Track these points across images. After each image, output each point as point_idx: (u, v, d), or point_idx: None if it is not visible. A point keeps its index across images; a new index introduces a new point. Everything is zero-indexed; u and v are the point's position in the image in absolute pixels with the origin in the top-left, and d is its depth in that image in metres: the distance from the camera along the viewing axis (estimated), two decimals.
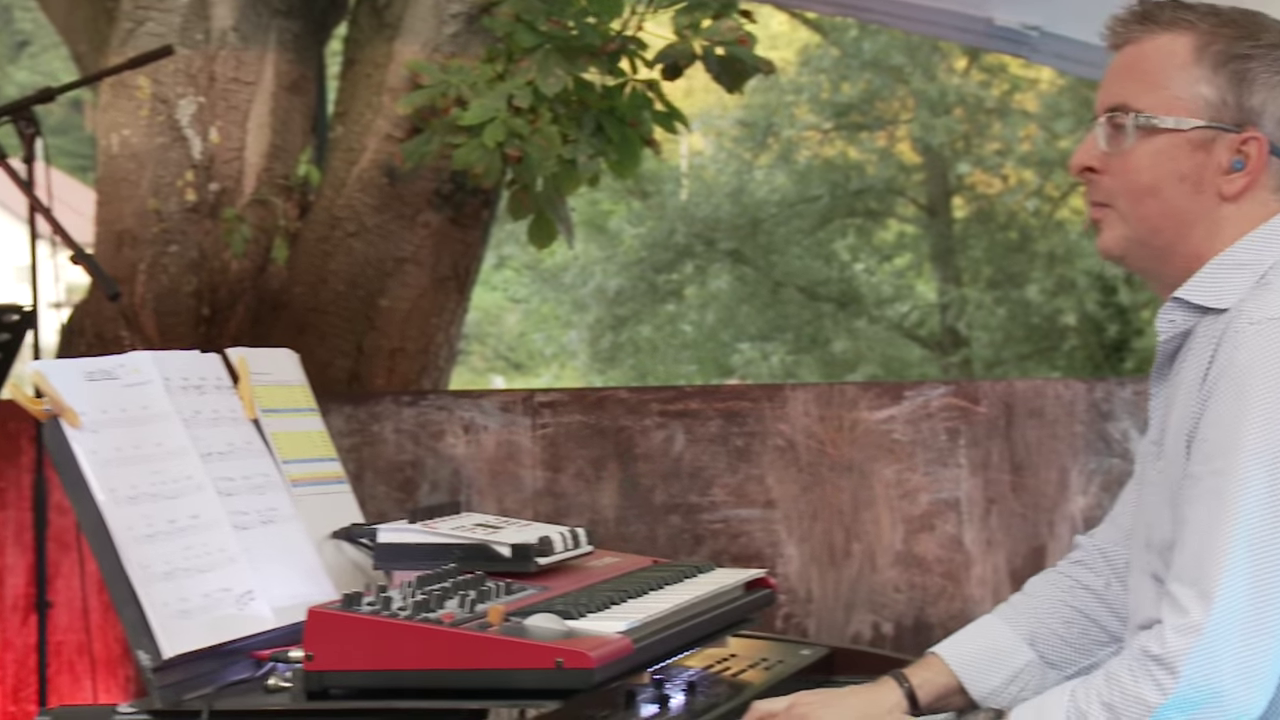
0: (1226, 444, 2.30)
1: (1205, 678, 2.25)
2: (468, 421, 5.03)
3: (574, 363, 19.95)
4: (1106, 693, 2.31)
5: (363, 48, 5.83)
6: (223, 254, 5.60)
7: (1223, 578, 2.26)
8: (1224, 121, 2.45)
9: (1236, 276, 2.44)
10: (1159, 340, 2.52)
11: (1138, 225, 2.50)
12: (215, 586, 2.69)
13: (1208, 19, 2.48)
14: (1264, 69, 2.45)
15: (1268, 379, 2.29)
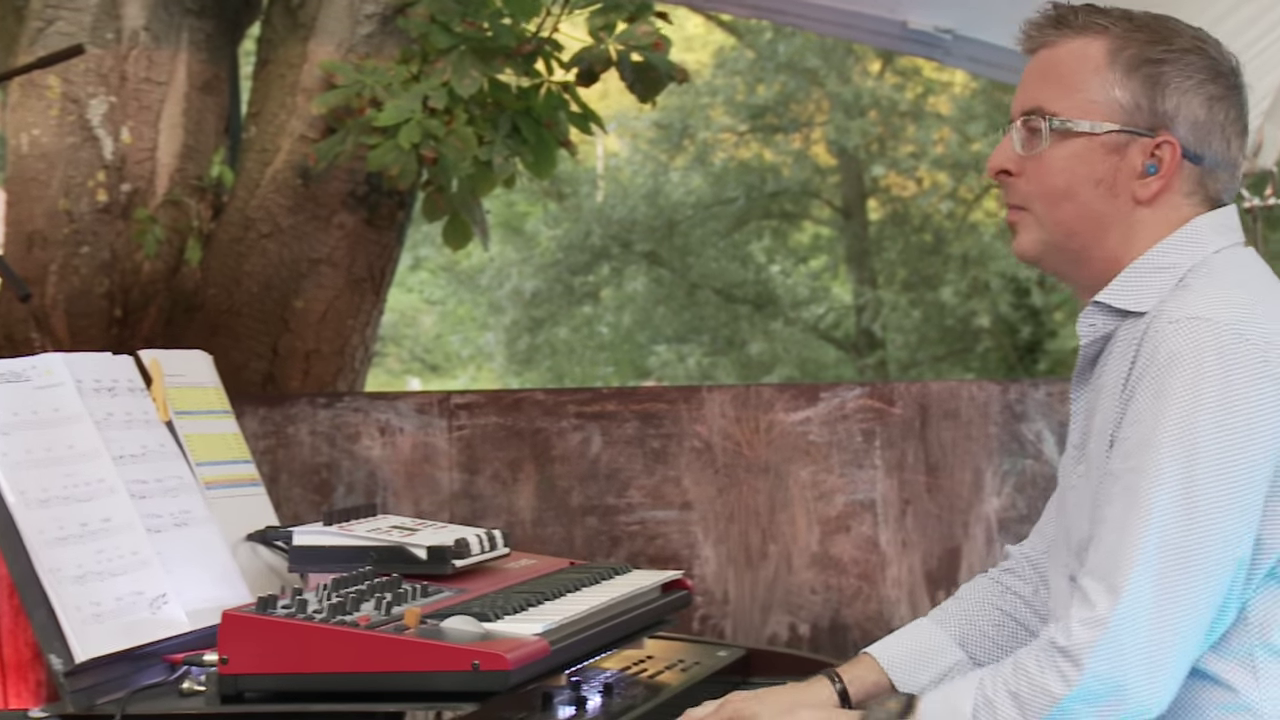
0: (1144, 441, 2.32)
1: (1110, 671, 2.27)
2: (384, 424, 5.01)
3: (491, 364, 19.93)
4: (1013, 682, 2.33)
5: (276, 48, 5.81)
6: (135, 255, 5.56)
7: (1132, 573, 2.28)
8: (1137, 125, 2.47)
9: (1156, 279, 2.46)
10: (1080, 344, 2.53)
11: (1053, 228, 2.53)
12: (128, 590, 2.67)
13: (1121, 24, 2.51)
14: (1177, 74, 2.48)
15: (1186, 377, 2.31)
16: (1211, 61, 2.50)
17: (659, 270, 17.92)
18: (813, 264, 18.92)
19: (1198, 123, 2.48)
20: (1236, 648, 2.35)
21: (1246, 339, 2.31)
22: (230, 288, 5.67)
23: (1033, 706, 2.31)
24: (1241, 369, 2.30)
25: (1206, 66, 2.49)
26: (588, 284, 18.08)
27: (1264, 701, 2.35)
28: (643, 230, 17.69)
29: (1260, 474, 2.30)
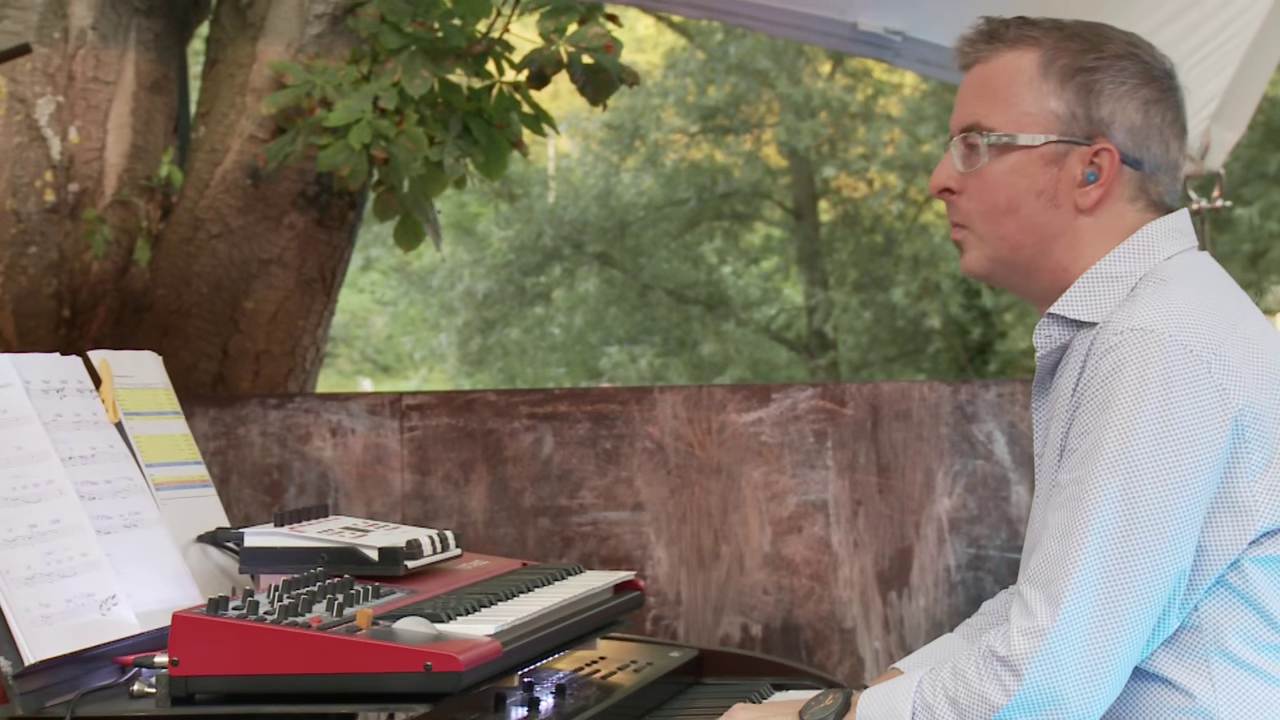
0: (1088, 453, 2.33)
1: (1048, 682, 2.28)
2: (335, 424, 5.00)
3: (442, 366, 19.89)
4: (952, 688, 2.34)
5: (225, 47, 5.79)
6: (83, 255, 5.53)
7: (1071, 584, 2.29)
8: (1074, 135, 2.49)
9: (1108, 289, 2.47)
10: (1038, 355, 2.54)
11: (998, 245, 2.54)
12: (78, 592, 2.66)
13: (1052, 34, 2.52)
14: (1110, 80, 2.49)
15: (1129, 389, 2.32)
16: (1145, 66, 2.51)
17: (611, 271, 17.92)
18: (764, 265, 18.94)
19: (1134, 128, 2.49)
20: (1192, 653, 2.37)
21: (1190, 350, 2.32)
22: (180, 288, 5.65)
23: (971, 714, 2.32)
24: (1183, 381, 2.31)
25: (1140, 71, 2.50)
26: (539, 285, 18.06)
27: (1220, 707, 2.36)
28: (594, 231, 17.69)
29: (1201, 485, 2.31)
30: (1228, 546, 2.34)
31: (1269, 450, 2.34)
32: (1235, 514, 2.34)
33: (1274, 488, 2.34)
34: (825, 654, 4.90)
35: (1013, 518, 4.86)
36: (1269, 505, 2.34)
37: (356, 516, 3.32)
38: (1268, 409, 2.35)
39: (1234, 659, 2.36)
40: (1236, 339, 2.37)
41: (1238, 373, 2.33)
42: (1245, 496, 2.33)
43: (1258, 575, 2.35)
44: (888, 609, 4.91)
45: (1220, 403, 2.31)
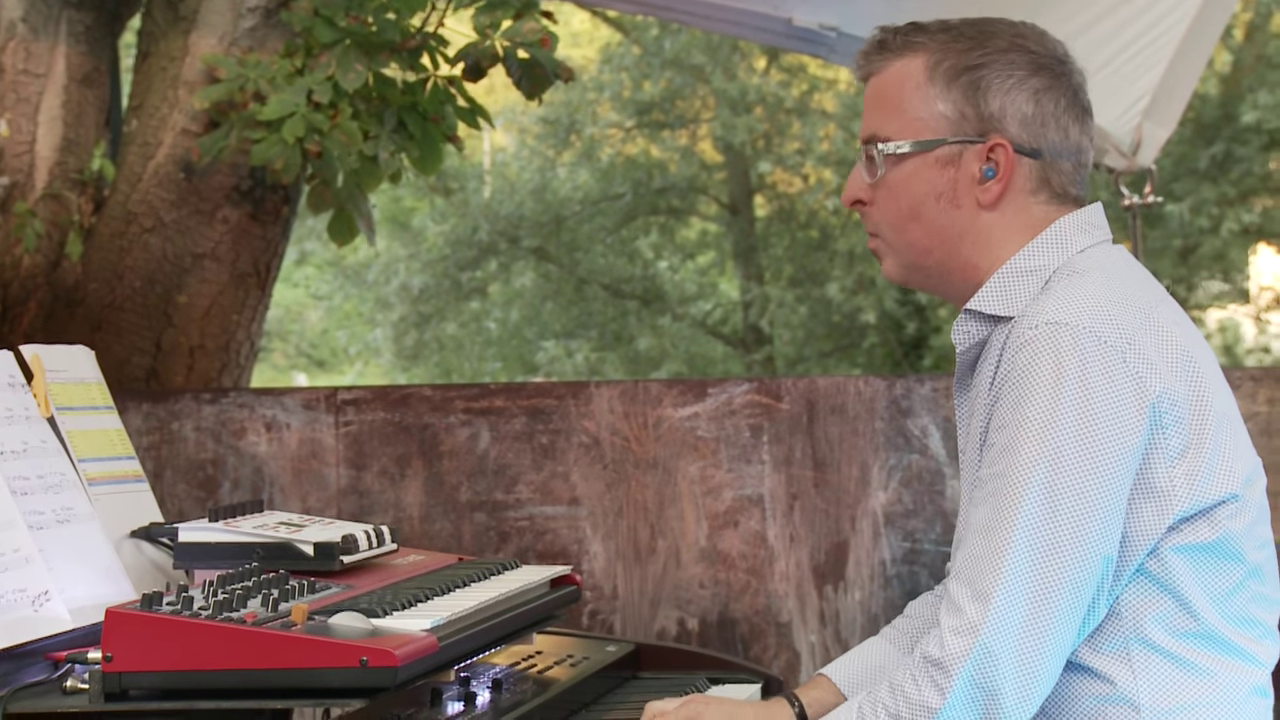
0: (1007, 447, 2.34)
1: (984, 677, 2.29)
2: (270, 419, 4.98)
3: (378, 360, 19.82)
4: (892, 704, 2.35)
5: (157, 40, 5.76)
6: (14, 249, 5.50)
7: (1000, 579, 2.30)
8: (966, 134, 2.50)
9: (1022, 284, 2.48)
10: (957, 351, 2.56)
11: (907, 250, 2.56)
12: (10, 587, 2.65)
13: (939, 37, 2.53)
14: (997, 75, 2.50)
15: (1045, 382, 2.33)
16: (1032, 55, 2.52)
17: (547, 266, 17.90)
18: (700, 260, 18.95)
19: (1026, 118, 2.50)
20: (1112, 641, 2.38)
21: (1105, 341, 2.34)
22: (112, 282, 5.63)
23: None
24: (1100, 372, 2.32)
25: (1027, 61, 2.51)
26: (475, 280, 18.02)
27: (1141, 693, 2.38)
28: (530, 226, 17.66)
29: (1122, 474, 2.33)
30: (1147, 533, 2.36)
31: (1185, 437, 2.36)
32: (1154, 500, 2.35)
33: (1191, 474, 2.36)
34: (761, 648, 4.92)
35: (948, 511, 4.89)
36: (1186, 491, 2.36)
37: (292, 512, 3.32)
38: (1183, 396, 2.36)
39: (1153, 646, 2.38)
40: (1150, 328, 2.39)
41: (1152, 361, 2.35)
42: (1163, 482, 2.35)
43: (1176, 562, 2.37)
44: (823, 603, 4.93)
45: (1137, 391, 2.33)
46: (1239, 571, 2.42)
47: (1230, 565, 2.41)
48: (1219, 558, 2.39)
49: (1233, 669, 2.42)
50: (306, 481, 4.96)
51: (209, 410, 5.00)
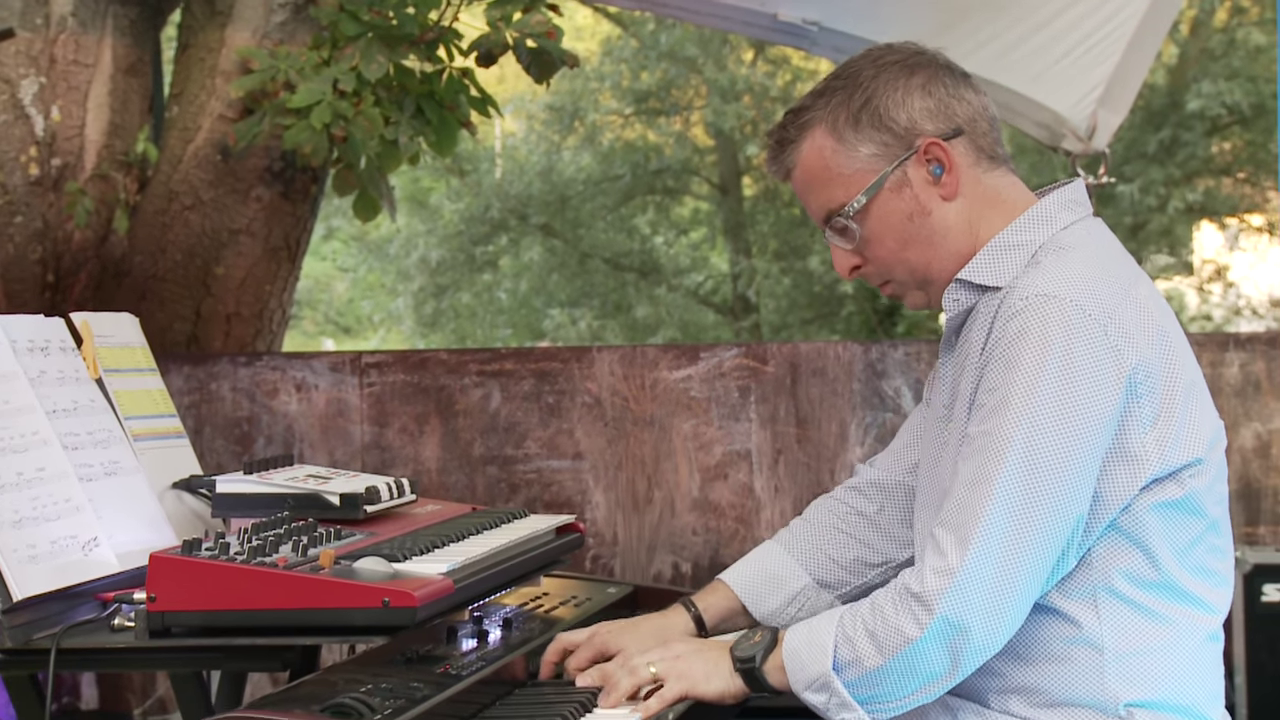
0: (995, 407, 2.34)
1: (957, 615, 2.29)
2: (300, 381, 4.98)
3: (399, 327, 19.82)
4: (871, 621, 2.35)
5: (196, 34, 5.75)
6: (66, 225, 5.49)
7: (980, 527, 2.30)
8: (898, 155, 2.49)
9: (1009, 257, 2.48)
10: (946, 317, 2.55)
11: (915, 273, 2.54)
12: (62, 534, 2.64)
13: (818, 103, 2.53)
14: (884, 95, 2.49)
15: (1033, 349, 2.32)
16: (898, 63, 2.52)
17: (553, 241, 17.89)
18: (693, 235, 18.94)
19: (932, 111, 2.49)
20: (1082, 589, 2.38)
21: (1088, 313, 2.33)
22: (156, 255, 5.62)
23: (888, 645, 2.33)
24: (1082, 342, 2.32)
25: (898, 70, 2.51)
26: (488, 253, 18.01)
27: (1104, 635, 2.38)
28: (538, 204, 17.64)
29: (1098, 438, 2.32)
30: (1121, 493, 2.35)
31: (1158, 405, 2.35)
32: (1128, 463, 2.35)
33: (1162, 439, 2.36)
34: None
35: None
36: (1158, 455, 2.35)
37: (320, 465, 3.31)
38: (1157, 367, 2.36)
39: (1118, 595, 2.38)
40: (1129, 303, 2.38)
41: (1130, 334, 2.35)
42: (1136, 447, 2.35)
43: (1148, 518, 2.37)
44: None
45: (1115, 361, 2.32)
46: (1200, 526, 2.42)
47: (1192, 520, 2.41)
48: (1183, 513, 2.40)
49: (1190, 617, 2.42)
50: (333, 437, 4.96)
51: (244, 372, 4.99)
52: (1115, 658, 2.38)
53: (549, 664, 2.68)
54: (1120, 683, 2.37)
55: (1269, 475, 4.83)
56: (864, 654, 2.34)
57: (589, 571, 4.84)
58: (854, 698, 2.36)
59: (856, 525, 2.82)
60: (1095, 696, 2.38)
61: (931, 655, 2.31)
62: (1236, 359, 4.87)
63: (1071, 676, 2.39)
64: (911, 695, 2.36)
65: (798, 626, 2.45)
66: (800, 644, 2.41)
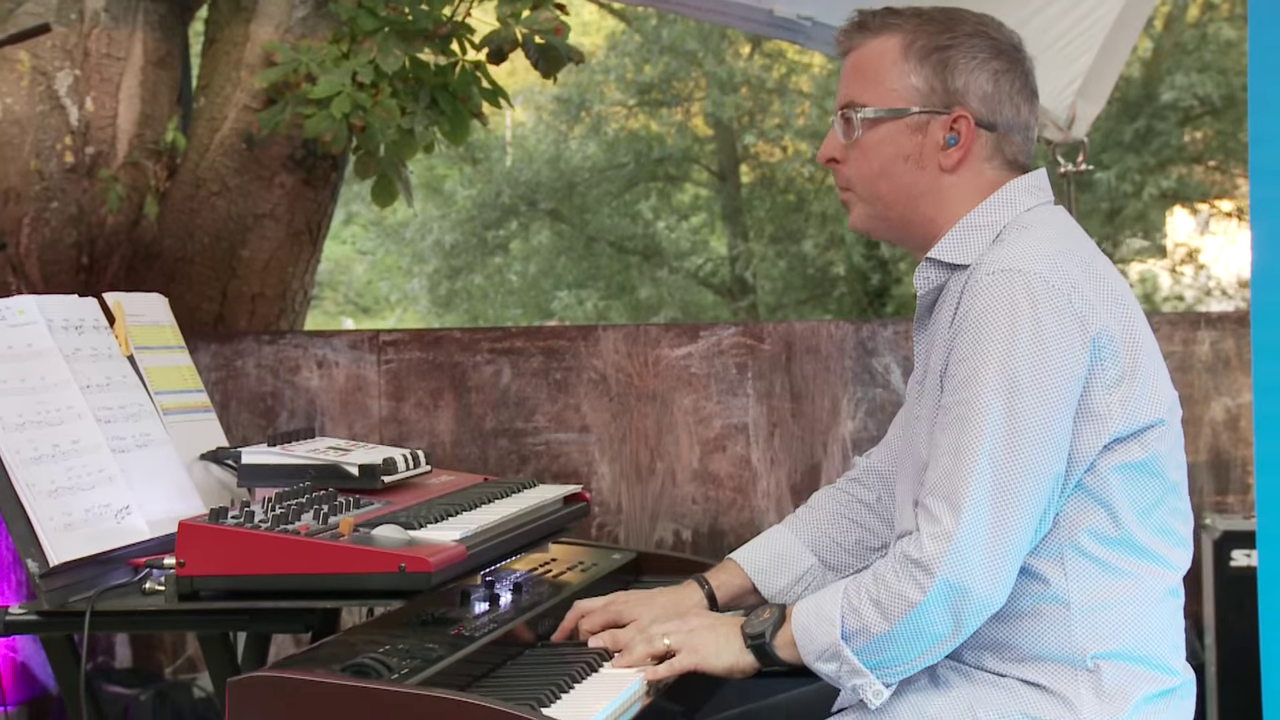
0: (969, 378, 2.33)
1: (958, 577, 2.29)
2: (321, 358, 4.97)
3: (415, 307, 19.81)
4: (875, 590, 2.35)
5: (222, 28, 5.74)
6: (100, 210, 5.48)
7: (969, 490, 2.29)
8: (934, 106, 2.49)
9: (976, 237, 2.48)
10: (917, 294, 2.55)
11: (874, 203, 2.55)
12: (96, 503, 2.65)
13: (912, 20, 2.52)
14: (963, 56, 2.49)
15: (1001, 321, 2.33)
16: (993, 42, 2.52)
17: (560, 225, 17.88)
18: (693, 220, 18.92)
19: (986, 95, 2.49)
20: (1050, 548, 2.39)
21: (1052, 285, 2.33)
22: (184, 239, 5.61)
23: (893, 611, 2.32)
24: (1049, 311, 2.32)
25: (989, 46, 2.50)
26: (499, 237, 18.00)
27: (1071, 591, 2.38)
28: (546, 191, 17.62)
29: (1070, 399, 2.33)
30: (1086, 451, 2.36)
31: (1120, 368, 2.36)
32: (1093, 422, 2.35)
33: (1125, 400, 2.36)
34: None
35: None
36: (1121, 415, 2.36)
37: (340, 438, 3.31)
38: (1118, 334, 2.37)
39: (1084, 552, 2.38)
40: (1090, 275, 2.39)
41: (1092, 302, 2.35)
42: (1101, 407, 2.35)
43: (1111, 478, 2.37)
44: None
45: (1080, 327, 2.33)
46: (1160, 488, 2.42)
47: (1154, 482, 2.41)
48: (1145, 475, 2.40)
49: (1151, 573, 2.42)
50: (352, 411, 4.95)
51: (268, 350, 4.99)
52: (1082, 612, 2.38)
53: (566, 629, 2.69)
54: (1087, 636, 2.37)
55: (1238, 447, 4.82)
56: (870, 622, 2.34)
57: (595, 539, 4.84)
58: (864, 664, 2.36)
59: (858, 512, 2.84)
60: (1064, 650, 2.38)
61: (935, 617, 2.31)
62: (1208, 337, 4.86)
63: (1041, 631, 2.39)
64: (919, 657, 2.36)
65: (804, 602, 2.45)
66: (808, 618, 2.41)
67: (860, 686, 2.37)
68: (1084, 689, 2.37)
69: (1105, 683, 2.37)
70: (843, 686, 2.40)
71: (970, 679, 2.41)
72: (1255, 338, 2.90)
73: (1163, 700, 2.42)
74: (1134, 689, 2.38)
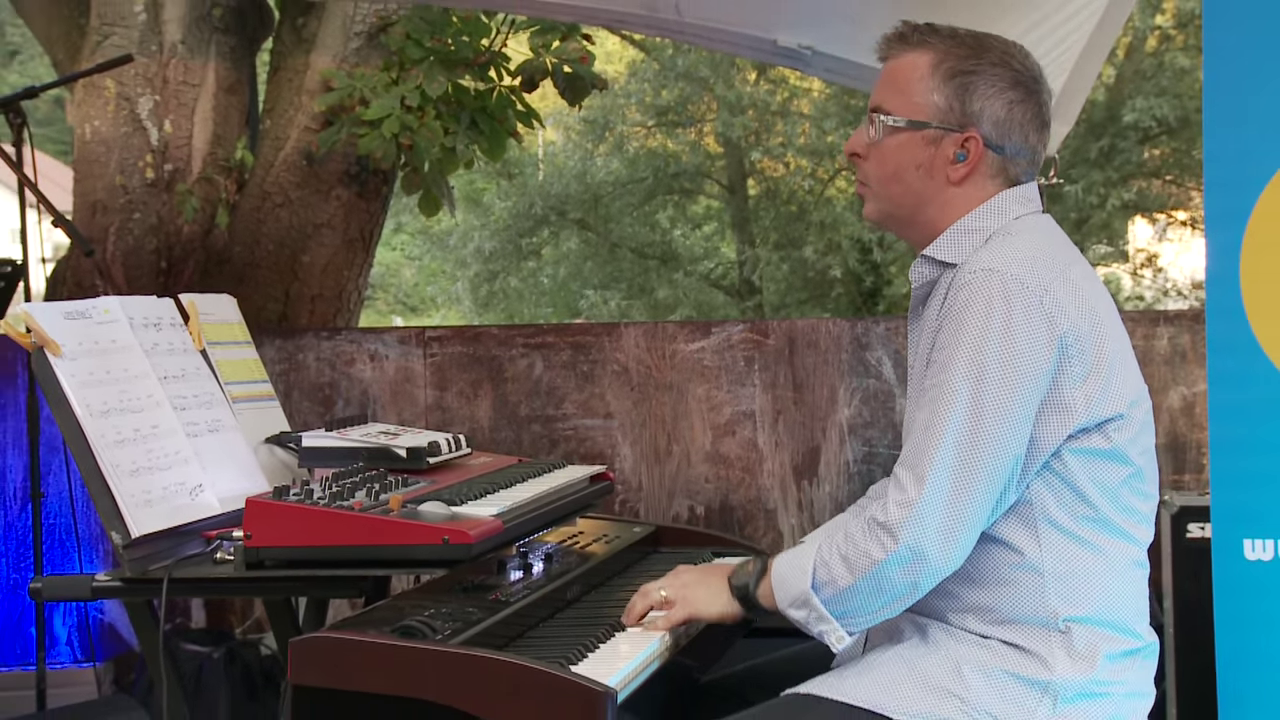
0: (945, 363, 2.33)
1: (916, 541, 2.28)
2: (373, 352, 4.97)
3: (458, 307, 19.85)
4: (843, 546, 2.35)
5: (285, 58, 5.74)
6: (177, 220, 5.49)
7: (933, 465, 2.28)
8: (949, 123, 2.47)
9: (967, 239, 2.47)
10: (912, 288, 2.54)
11: (885, 201, 2.53)
12: (172, 482, 2.65)
13: (946, 40, 2.49)
14: (983, 82, 2.47)
15: (977, 315, 2.32)
16: (1014, 73, 2.49)
17: (587, 234, 17.89)
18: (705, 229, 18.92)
19: (999, 121, 2.47)
20: (1025, 522, 2.37)
21: (1025, 286, 2.31)
22: (251, 246, 5.62)
23: (857, 566, 2.32)
24: (1021, 309, 2.30)
25: (1009, 76, 2.48)
26: (532, 244, 18.02)
27: (1044, 561, 2.37)
28: (574, 202, 17.63)
29: (1033, 391, 2.31)
30: (1052, 438, 2.34)
31: (1088, 365, 2.35)
32: (1059, 413, 2.34)
33: (1090, 395, 2.35)
34: (753, 529, 4.91)
35: (897, 423, 4.86)
36: (1085, 408, 2.35)
37: (390, 423, 3.30)
38: (1087, 334, 2.35)
39: (1057, 526, 2.37)
40: (1064, 280, 2.37)
41: (1063, 305, 2.33)
42: (1068, 400, 2.34)
43: (1074, 462, 2.36)
44: (801, 494, 4.91)
45: (1049, 327, 2.31)
46: (1125, 472, 2.41)
47: (1118, 467, 2.40)
48: (1110, 461, 2.39)
49: (1118, 547, 2.41)
50: (401, 400, 4.95)
51: (326, 345, 4.99)
52: (1054, 580, 2.36)
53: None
54: (1059, 601, 2.36)
55: (1193, 431, 4.80)
56: (838, 575, 2.34)
57: (618, 514, 4.83)
58: (829, 612, 2.36)
59: None
60: (1038, 613, 2.37)
61: (894, 575, 2.30)
62: (1166, 333, 4.84)
63: (1017, 597, 2.38)
64: (879, 611, 2.35)
65: (783, 554, 2.46)
66: (785, 568, 2.41)
67: (825, 633, 2.37)
68: (1057, 648, 2.36)
69: (1075, 643, 2.36)
70: (811, 632, 2.39)
71: (956, 638, 2.40)
72: (1210, 333, 2.88)
73: (1127, 660, 2.41)
74: (1100, 648, 2.37)
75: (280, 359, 4.93)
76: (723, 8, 4.34)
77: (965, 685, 2.34)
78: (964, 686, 2.34)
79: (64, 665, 4.78)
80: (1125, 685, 2.40)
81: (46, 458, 4.54)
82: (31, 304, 2.79)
